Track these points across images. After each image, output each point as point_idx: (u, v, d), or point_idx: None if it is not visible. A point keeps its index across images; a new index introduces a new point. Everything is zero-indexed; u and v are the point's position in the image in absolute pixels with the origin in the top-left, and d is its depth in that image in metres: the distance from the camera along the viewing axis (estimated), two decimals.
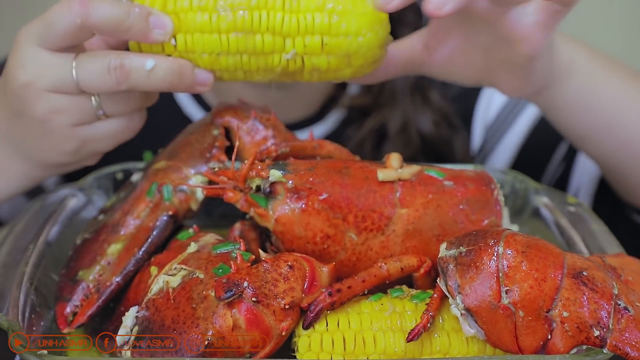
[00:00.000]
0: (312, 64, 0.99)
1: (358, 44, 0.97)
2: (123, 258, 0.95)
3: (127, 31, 0.94)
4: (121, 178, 1.17)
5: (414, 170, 0.95)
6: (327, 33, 0.97)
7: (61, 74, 0.95)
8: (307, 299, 0.82)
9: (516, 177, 1.16)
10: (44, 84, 0.96)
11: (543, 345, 0.82)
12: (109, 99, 0.99)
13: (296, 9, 0.96)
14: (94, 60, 0.95)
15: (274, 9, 0.96)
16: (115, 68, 0.94)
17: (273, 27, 0.96)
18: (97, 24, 0.93)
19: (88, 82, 0.95)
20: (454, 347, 0.85)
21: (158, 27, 0.95)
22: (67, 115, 0.98)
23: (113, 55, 0.95)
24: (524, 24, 1.02)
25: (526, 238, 0.85)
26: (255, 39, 0.97)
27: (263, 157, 0.99)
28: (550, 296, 0.81)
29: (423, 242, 0.92)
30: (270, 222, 0.92)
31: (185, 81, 0.98)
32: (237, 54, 0.98)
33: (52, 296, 0.96)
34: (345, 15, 0.96)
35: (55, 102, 0.97)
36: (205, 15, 0.96)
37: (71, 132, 1.00)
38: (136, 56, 0.96)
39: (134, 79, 0.95)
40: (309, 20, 0.96)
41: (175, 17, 0.97)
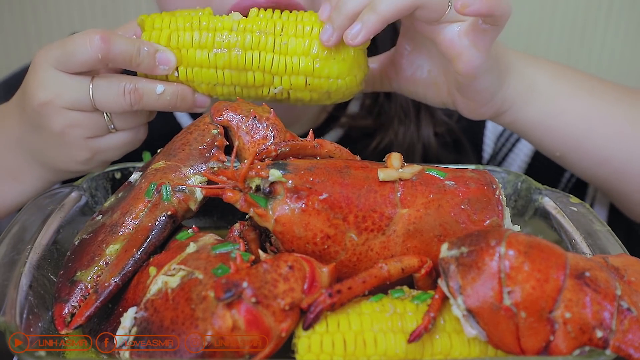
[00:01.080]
0: (296, 97, 1.16)
1: (338, 85, 1.14)
2: (121, 258, 0.94)
3: (138, 66, 1.11)
4: (120, 178, 1.16)
5: (415, 170, 0.95)
6: (310, 75, 1.12)
7: (79, 94, 1.09)
8: (307, 299, 0.82)
9: (518, 177, 1.16)
10: (63, 102, 1.09)
11: (545, 347, 0.81)
12: (120, 116, 1.13)
13: (284, 51, 1.12)
14: (110, 84, 1.10)
15: (265, 50, 1.12)
16: (130, 92, 1.10)
17: (263, 67, 1.13)
18: (114, 60, 1.08)
19: (104, 103, 1.10)
20: (455, 349, 0.84)
21: (163, 64, 1.12)
22: (82, 129, 1.11)
23: (127, 80, 1.10)
24: (456, 43, 1.10)
25: (528, 238, 0.84)
26: (247, 75, 1.14)
27: (263, 156, 0.98)
28: (553, 297, 0.80)
29: (424, 243, 0.92)
30: (270, 222, 0.91)
31: (187, 103, 1.16)
32: (231, 85, 1.15)
33: (50, 297, 0.95)
34: (328, 62, 1.12)
35: (72, 118, 1.10)
36: (204, 52, 1.13)
37: (85, 143, 1.13)
38: (147, 81, 1.12)
39: (145, 101, 1.11)
40: (294, 62, 1.12)
41: (178, 51, 1.13)
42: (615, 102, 1.30)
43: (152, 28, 1.15)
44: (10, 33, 2.23)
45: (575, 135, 1.26)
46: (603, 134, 1.26)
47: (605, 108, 1.29)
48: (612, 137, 1.27)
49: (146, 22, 1.15)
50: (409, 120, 1.57)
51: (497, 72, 1.17)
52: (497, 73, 1.17)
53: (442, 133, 1.59)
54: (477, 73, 1.12)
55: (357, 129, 1.60)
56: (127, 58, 1.09)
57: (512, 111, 1.23)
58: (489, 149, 1.62)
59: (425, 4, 1.06)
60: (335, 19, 1.09)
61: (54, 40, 1.12)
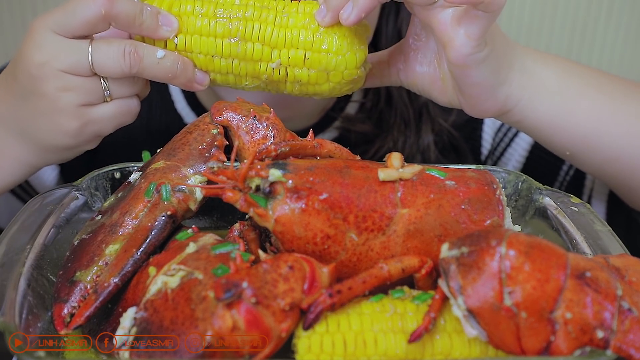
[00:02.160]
0: (294, 76, 1.12)
1: (337, 61, 1.11)
2: (121, 259, 0.94)
3: (140, 25, 1.08)
4: (119, 178, 1.16)
5: (416, 169, 0.95)
6: (309, 49, 1.10)
7: (78, 56, 1.05)
8: (307, 299, 0.82)
9: (519, 176, 1.15)
10: (60, 64, 1.05)
11: (546, 347, 0.81)
12: (116, 82, 1.09)
13: (285, 24, 1.11)
14: (110, 46, 1.06)
15: (266, 22, 1.11)
16: (130, 53, 1.06)
17: (263, 38, 1.10)
18: (117, 17, 1.05)
19: (103, 65, 1.06)
20: (455, 349, 0.84)
21: (166, 25, 1.10)
22: (77, 94, 1.07)
23: (128, 42, 1.08)
24: (449, 28, 1.07)
25: (529, 238, 0.84)
26: (246, 46, 1.11)
27: (262, 156, 0.98)
28: (554, 297, 0.80)
29: (424, 243, 0.92)
30: (270, 222, 0.91)
31: (186, 75, 1.12)
32: (229, 57, 1.12)
33: (49, 297, 0.95)
34: (327, 35, 1.10)
35: (67, 82, 1.06)
36: (205, 20, 1.11)
37: (77, 111, 1.08)
38: (148, 45, 1.10)
39: (145, 64, 1.07)
40: (294, 35, 1.10)
41: (179, 19, 1.11)
42: (625, 99, 1.28)
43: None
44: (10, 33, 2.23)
45: (585, 134, 1.24)
46: (613, 132, 1.25)
47: (615, 105, 1.27)
48: (622, 134, 1.25)
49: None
50: (409, 130, 1.56)
51: (496, 65, 1.14)
52: (495, 66, 1.14)
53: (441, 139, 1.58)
54: (469, 62, 1.09)
55: (355, 133, 1.58)
56: (131, 16, 1.06)
57: (518, 109, 1.20)
58: (487, 144, 1.62)
59: None
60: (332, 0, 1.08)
61: None
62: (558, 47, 2.32)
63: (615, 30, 2.29)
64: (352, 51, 1.11)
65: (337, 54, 1.10)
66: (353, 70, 1.13)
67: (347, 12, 1.05)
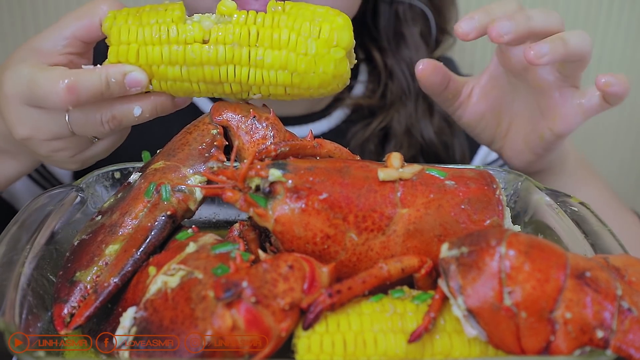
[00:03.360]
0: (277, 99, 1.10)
1: (319, 93, 1.07)
2: (121, 259, 0.94)
3: (110, 96, 1.06)
4: (119, 178, 1.16)
5: (415, 169, 0.95)
6: (289, 86, 1.06)
7: (57, 128, 1.09)
8: (307, 299, 0.82)
9: (519, 176, 1.15)
10: (43, 136, 1.11)
11: (546, 347, 0.81)
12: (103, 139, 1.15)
13: (260, 64, 1.04)
14: (87, 116, 1.08)
15: (240, 63, 1.04)
16: (107, 121, 1.09)
17: (239, 80, 1.05)
18: (84, 102, 1.05)
19: (84, 132, 1.11)
20: (455, 349, 0.84)
21: (134, 86, 1.06)
22: (67, 151, 1.14)
23: (103, 109, 1.08)
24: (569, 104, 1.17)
25: (528, 238, 0.84)
26: (224, 86, 1.07)
27: (262, 156, 0.98)
28: (553, 297, 0.80)
29: (424, 243, 0.92)
30: (270, 222, 0.91)
31: (167, 110, 1.13)
32: (208, 93, 1.09)
33: (49, 297, 0.95)
34: (307, 76, 1.04)
35: (55, 145, 1.13)
36: (176, 67, 1.05)
37: (72, 159, 1.16)
38: (123, 104, 1.09)
39: (125, 124, 1.11)
40: (272, 76, 1.04)
41: (149, 67, 1.06)
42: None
43: (118, 42, 1.06)
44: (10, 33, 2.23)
45: None
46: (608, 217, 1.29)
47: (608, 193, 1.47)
48: None
49: (112, 34, 1.07)
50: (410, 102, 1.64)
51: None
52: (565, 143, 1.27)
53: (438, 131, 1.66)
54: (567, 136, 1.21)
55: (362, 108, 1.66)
56: (98, 94, 1.05)
57: (545, 175, 1.33)
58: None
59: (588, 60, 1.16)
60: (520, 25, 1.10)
61: None
62: None
63: (615, 30, 2.29)
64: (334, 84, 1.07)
65: (319, 89, 1.06)
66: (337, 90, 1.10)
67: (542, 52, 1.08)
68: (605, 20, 2.28)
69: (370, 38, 1.66)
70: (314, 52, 1.03)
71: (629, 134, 2.45)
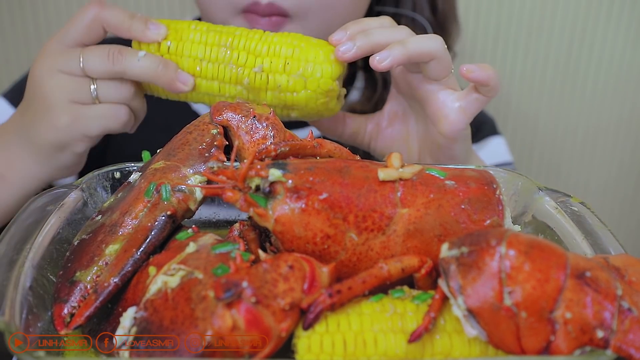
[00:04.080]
0: (274, 81, 1.22)
1: (313, 68, 1.21)
2: (121, 258, 0.94)
3: (129, 28, 1.23)
4: (119, 178, 1.16)
5: (415, 169, 0.95)
6: (289, 58, 1.22)
7: (71, 56, 1.22)
8: (307, 299, 0.82)
9: (518, 176, 1.15)
10: (56, 64, 1.22)
11: (546, 347, 0.81)
12: (104, 85, 1.22)
13: (270, 41, 1.24)
14: (98, 48, 1.22)
15: (252, 39, 1.24)
16: (113, 53, 1.21)
17: (248, 48, 1.23)
18: (106, 18, 1.22)
19: (90, 63, 1.20)
20: (455, 349, 0.84)
21: (154, 28, 1.24)
22: (68, 91, 1.21)
23: (114, 45, 1.22)
24: (447, 105, 1.26)
25: (529, 238, 0.84)
26: (232, 53, 1.23)
27: (262, 156, 0.98)
28: (553, 297, 0.80)
29: (424, 242, 0.92)
30: (270, 222, 0.91)
31: (168, 74, 1.23)
32: (215, 62, 1.24)
33: (49, 297, 0.95)
34: (307, 49, 1.22)
35: (61, 79, 1.22)
36: (197, 33, 1.25)
37: (68, 106, 1.22)
38: (132, 48, 1.24)
39: (127, 62, 1.20)
40: (277, 48, 1.23)
41: (174, 31, 1.25)
42: None
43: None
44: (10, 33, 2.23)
45: None
46: None
47: None
48: None
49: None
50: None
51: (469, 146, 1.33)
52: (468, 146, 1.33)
53: None
54: (458, 137, 1.27)
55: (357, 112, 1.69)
56: (119, 19, 1.23)
57: None
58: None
59: (441, 57, 1.22)
60: (360, 40, 1.21)
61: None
62: (558, 47, 2.32)
63: (615, 30, 2.29)
64: (328, 62, 1.21)
65: (314, 62, 1.21)
66: (328, 80, 1.21)
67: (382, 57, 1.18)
68: (605, 20, 2.28)
69: None
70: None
71: (629, 134, 2.45)
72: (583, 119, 2.43)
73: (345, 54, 1.20)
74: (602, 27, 2.29)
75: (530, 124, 2.44)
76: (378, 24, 1.26)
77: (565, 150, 2.48)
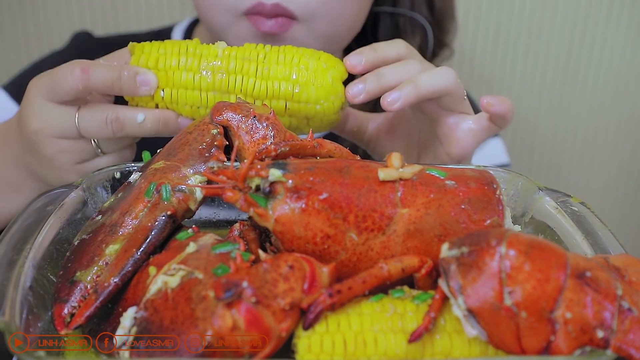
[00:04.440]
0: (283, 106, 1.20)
1: (316, 110, 1.20)
2: (121, 258, 0.94)
3: (120, 89, 1.17)
4: (119, 178, 1.16)
5: (415, 169, 0.95)
6: (290, 99, 1.19)
7: (66, 124, 1.17)
8: (307, 299, 0.82)
9: (519, 176, 1.15)
10: (52, 132, 1.17)
11: (546, 347, 0.81)
12: (106, 141, 1.21)
13: (266, 76, 1.19)
14: (93, 114, 1.17)
15: (248, 74, 1.19)
16: (111, 121, 1.17)
17: (245, 90, 1.19)
18: (96, 87, 1.16)
19: (89, 131, 1.17)
20: (455, 349, 0.84)
21: (144, 85, 1.18)
22: (71, 155, 1.20)
23: (109, 110, 1.17)
24: (460, 129, 1.27)
25: (529, 238, 0.84)
26: (229, 97, 1.19)
27: (262, 156, 0.98)
28: (554, 297, 0.80)
29: (424, 242, 0.92)
30: (270, 222, 0.91)
31: (170, 129, 1.21)
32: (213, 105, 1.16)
33: (49, 297, 0.95)
34: (307, 87, 1.19)
35: (61, 145, 1.18)
36: (190, 74, 1.19)
37: (74, 168, 1.21)
38: (129, 110, 1.19)
39: (127, 129, 1.18)
40: (275, 87, 1.19)
41: (164, 73, 1.19)
42: None
43: (141, 52, 1.21)
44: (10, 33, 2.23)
45: None
46: None
47: None
48: None
49: (136, 48, 1.22)
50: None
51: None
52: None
53: None
54: (465, 159, 1.30)
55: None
56: (109, 84, 1.16)
57: None
58: None
59: (454, 92, 1.22)
60: (371, 84, 1.20)
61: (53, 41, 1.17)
62: (558, 47, 2.32)
63: (615, 30, 2.29)
64: (330, 100, 1.20)
65: (316, 103, 1.20)
66: (332, 116, 1.23)
67: (393, 99, 1.17)
68: (605, 20, 2.28)
69: None
70: (312, 67, 1.19)
71: (629, 134, 2.45)
72: (583, 119, 2.43)
73: (355, 98, 1.20)
74: (602, 27, 2.29)
75: (530, 123, 2.44)
76: (394, 52, 1.25)
77: (565, 151, 2.48)
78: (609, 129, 2.44)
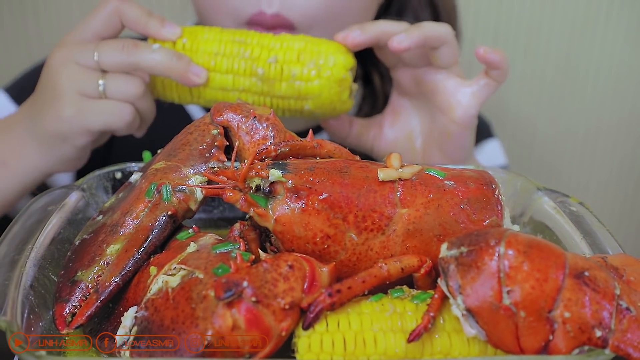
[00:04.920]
0: (289, 71, 1.26)
1: (326, 57, 1.26)
2: (122, 258, 0.94)
3: (146, 24, 1.26)
4: (120, 178, 1.17)
5: (415, 169, 0.95)
6: (303, 50, 1.26)
7: (86, 50, 1.23)
8: (307, 299, 0.82)
9: (518, 176, 1.16)
10: (71, 55, 1.23)
11: (545, 346, 0.81)
12: (112, 80, 1.23)
13: (280, 38, 1.29)
14: (113, 41, 1.25)
15: (265, 37, 1.29)
16: (127, 45, 1.22)
17: (261, 44, 1.28)
18: (126, 13, 1.26)
19: (104, 54, 1.22)
20: (455, 348, 0.85)
21: (169, 27, 1.27)
22: (77, 82, 1.22)
23: (129, 39, 1.24)
24: (461, 91, 1.30)
25: (527, 238, 0.84)
26: (247, 48, 1.27)
27: (262, 156, 0.98)
28: (552, 297, 0.80)
29: (424, 242, 0.92)
30: (270, 222, 0.91)
31: (182, 65, 1.24)
32: (230, 56, 1.27)
33: (50, 297, 0.96)
34: (318, 43, 1.27)
35: (72, 70, 1.23)
36: (212, 33, 1.30)
37: (74, 97, 1.22)
38: (146, 42, 1.26)
39: (141, 53, 1.22)
40: (290, 44, 1.27)
41: (188, 32, 1.29)
42: None
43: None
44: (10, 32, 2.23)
45: None
46: None
47: None
48: None
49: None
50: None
51: (474, 137, 1.36)
52: (474, 137, 1.36)
53: None
54: (470, 123, 1.31)
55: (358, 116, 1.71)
56: (138, 14, 1.26)
57: None
58: None
59: (451, 42, 1.27)
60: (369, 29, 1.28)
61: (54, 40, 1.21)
62: (558, 47, 2.32)
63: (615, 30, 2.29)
64: (341, 53, 1.27)
65: (327, 53, 1.26)
66: (341, 69, 1.26)
67: (400, 39, 1.24)
68: (605, 20, 2.28)
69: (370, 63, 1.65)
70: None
71: (629, 134, 2.45)
72: (582, 119, 2.43)
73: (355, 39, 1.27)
74: (602, 28, 2.29)
75: (530, 124, 2.44)
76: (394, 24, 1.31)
77: (564, 151, 2.48)
78: (609, 129, 2.44)
